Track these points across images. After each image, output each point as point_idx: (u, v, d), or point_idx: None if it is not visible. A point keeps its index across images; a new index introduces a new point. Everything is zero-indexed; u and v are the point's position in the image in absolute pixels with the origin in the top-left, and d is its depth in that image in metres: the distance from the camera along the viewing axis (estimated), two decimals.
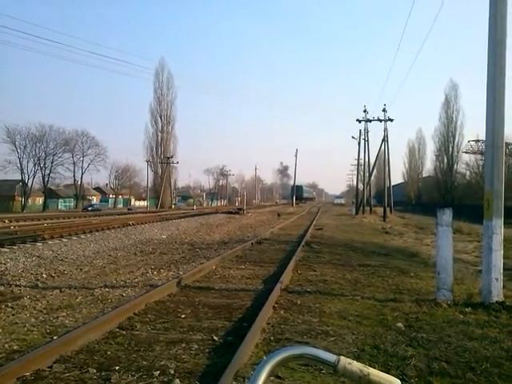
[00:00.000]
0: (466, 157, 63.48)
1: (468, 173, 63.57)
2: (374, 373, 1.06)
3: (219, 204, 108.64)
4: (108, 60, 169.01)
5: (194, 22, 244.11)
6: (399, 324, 5.88)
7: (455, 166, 65.66)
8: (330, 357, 1.07)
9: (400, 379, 1.08)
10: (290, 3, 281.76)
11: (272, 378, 1.11)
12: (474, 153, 59.81)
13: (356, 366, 1.07)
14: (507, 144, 41.66)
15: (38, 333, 5.50)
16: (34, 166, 69.28)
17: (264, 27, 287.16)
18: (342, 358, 1.07)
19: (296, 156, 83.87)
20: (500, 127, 7.23)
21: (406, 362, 4.47)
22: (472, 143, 60.05)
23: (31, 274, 9.79)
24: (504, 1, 7.21)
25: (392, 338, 5.32)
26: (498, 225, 7.12)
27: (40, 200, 76.48)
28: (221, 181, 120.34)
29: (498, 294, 7.00)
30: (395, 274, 10.07)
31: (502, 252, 7.20)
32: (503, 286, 7.22)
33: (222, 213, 41.79)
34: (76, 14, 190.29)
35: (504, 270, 7.26)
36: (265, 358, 1.05)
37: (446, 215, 7.45)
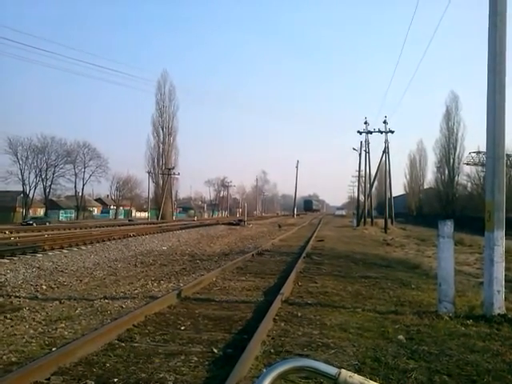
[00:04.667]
0: (467, 168, 63.61)
1: (469, 184, 63.65)
2: None
3: (220, 215, 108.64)
4: (110, 72, 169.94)
5: (194, 34, 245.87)
6: (400, 336, 5.83)
7: (456, 178, 65.75)
8: (330, 370, 1.05)
9: None
10: (290, 16, 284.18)
11: None
12: (475, 164, 59.87)
13: (357, 379, 1.05)
14: (508, 155, 41.72)
15: (36, 344, 5.46)
16: (36, 177, 69.64)
17: (265, 42, 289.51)
18: (343, 371, 1.05)
19: (297, 168, 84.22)
20: (501, 138, 7.24)
21: (407, 375, 4.42)
22: (473, 155, 60.16)
23: (31, 285, 9.75)
24: (503, 16, 7.25)
25: (393, 350, 5.27)
26: (500, 236, 7.09)
27: (41, 211, 76.55)
28: (222, 192, 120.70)
29: (499, 306, 6.95)
30: (396, 285, 10.01)
31: (504, 264, 7.16)
32: (505, 298, 7.17)
33: (223, 224, 41.72)
34: (78, 26, 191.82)
35: (506, 281, 7.22)
36: (265, 369, 1.04)
37: (448, 227, 7.42)
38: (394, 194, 50.09)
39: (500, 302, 6.97)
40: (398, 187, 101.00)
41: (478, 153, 57.60)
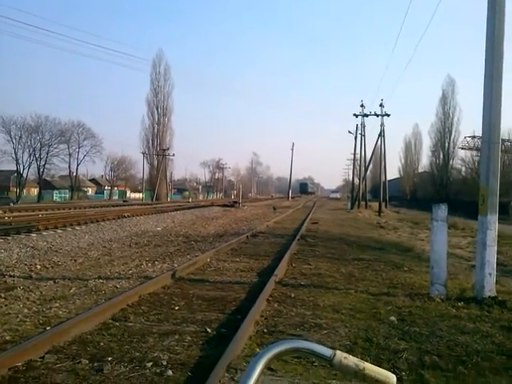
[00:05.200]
0: (461, 153, 63.56)
1: (464, 169, 63.69)
2: (370, 367, 1.05)
3: (215, 197, 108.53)
4: (105, 51, 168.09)
5: (193, 16, 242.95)
6: (392, 318, 5.91)
7: (451, 162, 65.79)
8: (325, 351, 1.06)
9: (392, 372, 1.07)
10: (287, 4, 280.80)
11: (264, 370, 1.09)
12: (470, 149, 59.87)
13: (352, 360, 1.06)
14: (503, 140, 41.75)
15: (30, 323, 5.49)
16: (30, 156, 68.76)
17: (263, 24, 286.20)
18: (338, 352, 1.06)
19: (292, 150, 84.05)
20: (496, 124, 7.24)
21: (398, 356, 4.49)
22: (468, 139, 60.14)
23: (25, 264, 9.76)
24: (502, 2, 7.18)
25: (385, 331, 5.34)
26: (493, 220, 7.14)
27: (35, 191, 76.15)
28: (217, 174, 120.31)
29: (490, 289, 7.03)
30: (389, 268, 10.10)
31: (496, 247, 7.23)
32: (496, 281, 7.25)
33: (218, 206, 41.73)
34: (73, 3, 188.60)
35: (497, 265, 7.30)
36: (261, 350, 1.04)
37: (442, 210, 7.47)
38: (388, 178, 50.18)
39: (491, 284, 7.06)
40: (393, 171, 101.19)
41: (473, 137, 57.59)
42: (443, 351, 4.71)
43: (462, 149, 62.48)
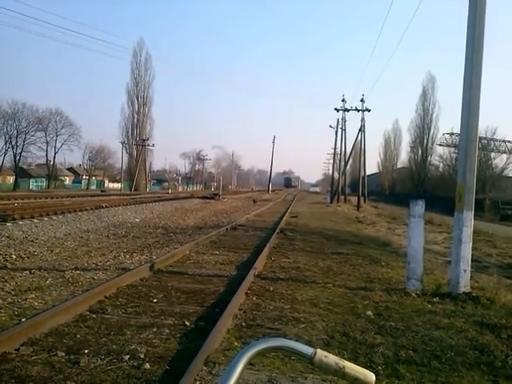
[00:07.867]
0: (440, 149, 64.69)
1: (441, 165, 64.80)
2: (350, 366, 1.06)
3: (195, 189, 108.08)
4: (84, 38, 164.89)
5: (172, 4, 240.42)
6: (369, 312, 5.98)
7: (429, 158, 66.88)
8: (306, 349, 1.06)
9: (368, 366, 1.08)
10: None
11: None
12: (448, 146, 60.89)
13: (332, 359, 1.07)
14: (480, 138, 42.44)
15: (5, 315, 5.40)
16: (5, 144, 67.42)
17: (246, 15, 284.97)
18: (319, 350, 1.06)
19: (273, 143, 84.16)
20: (474, 122, 7.35)
21: (374, 350, 4.55)
22: (446, 136, 61.14)
23: (0, 254, 9.57)
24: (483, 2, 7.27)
25: (361, 325, 5.41)
26: (469, 217, 7.27)
27: (11, 179, 74.72)
28: (197, 165, 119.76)
29: (465, 284, 7.18)
30: (367, 262, 10.22)
31: (471, 244, 7.37)
32: (470, 277, 7.40)
33: (198, 198, 41.56)
34: None
35: (471, 261, 7.45)
36: (242, 348, 1.04)
37: (419, 207, 7.57)
38: (367, 173, 50.64)
39: (466, 280, 7.20)
40: (372, 166, 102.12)
41: (451, 134, 58.56)
42: (418, 346, 4.79)
43: (440, 145, 63.58)
